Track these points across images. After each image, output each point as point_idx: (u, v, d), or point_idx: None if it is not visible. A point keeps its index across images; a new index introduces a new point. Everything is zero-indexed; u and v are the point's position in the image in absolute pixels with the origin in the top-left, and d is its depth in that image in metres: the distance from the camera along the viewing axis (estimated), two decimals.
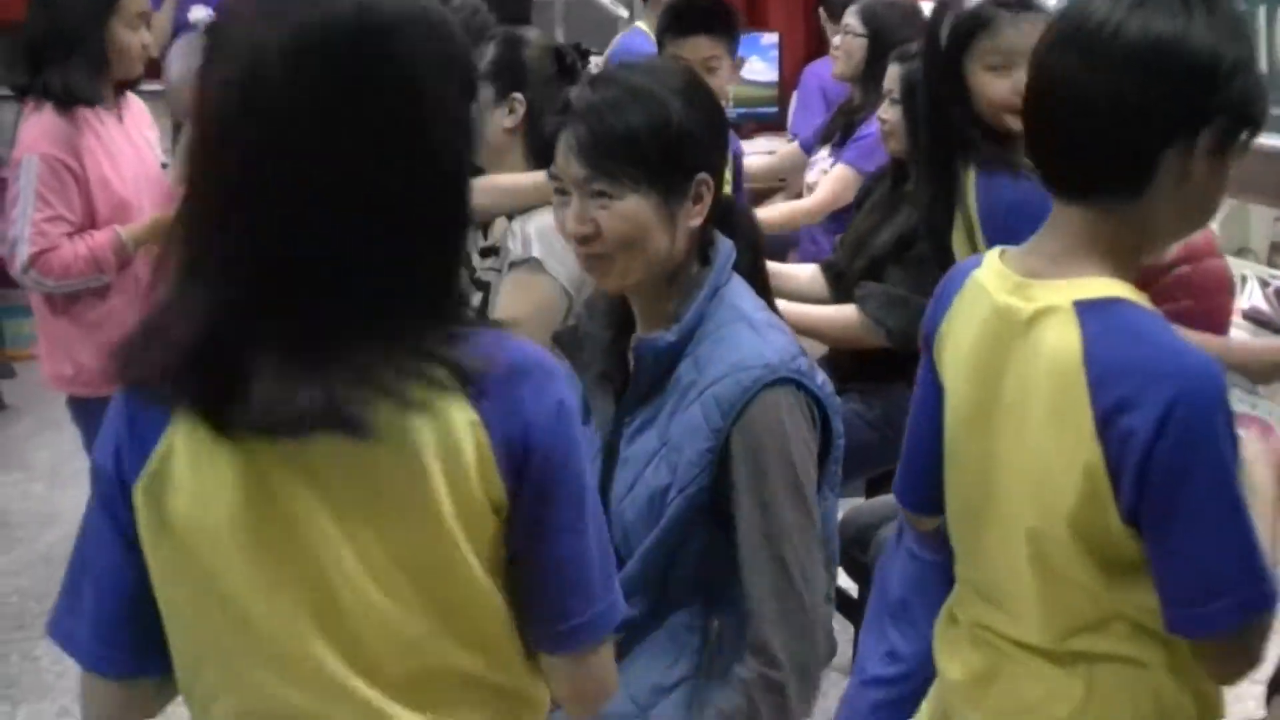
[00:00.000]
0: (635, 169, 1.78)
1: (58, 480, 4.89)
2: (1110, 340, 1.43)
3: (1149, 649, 1.52)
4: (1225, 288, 2.29)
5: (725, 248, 1.89)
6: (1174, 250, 2.13)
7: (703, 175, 1.83)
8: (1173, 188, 1.45)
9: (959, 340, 1.64)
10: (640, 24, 4.95)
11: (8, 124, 3.71)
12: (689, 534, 1.81)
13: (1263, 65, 4.64)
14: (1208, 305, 2.50)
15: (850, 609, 3.37)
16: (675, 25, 3.61)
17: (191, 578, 1.27)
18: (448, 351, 1.24)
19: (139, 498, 1.26)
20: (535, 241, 2.52)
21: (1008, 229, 2.29)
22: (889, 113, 3.13)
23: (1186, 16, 1.42)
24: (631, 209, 1.79)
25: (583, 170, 1.79)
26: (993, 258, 1.61)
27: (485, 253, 2.70)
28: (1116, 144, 1.44)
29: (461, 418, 1.24)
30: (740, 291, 1.88)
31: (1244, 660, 1.47)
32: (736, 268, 1.90)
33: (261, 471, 1.24)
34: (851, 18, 3.94)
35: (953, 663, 1.72)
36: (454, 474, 1.25)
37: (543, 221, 2.50)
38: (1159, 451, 1.38)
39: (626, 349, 1.92)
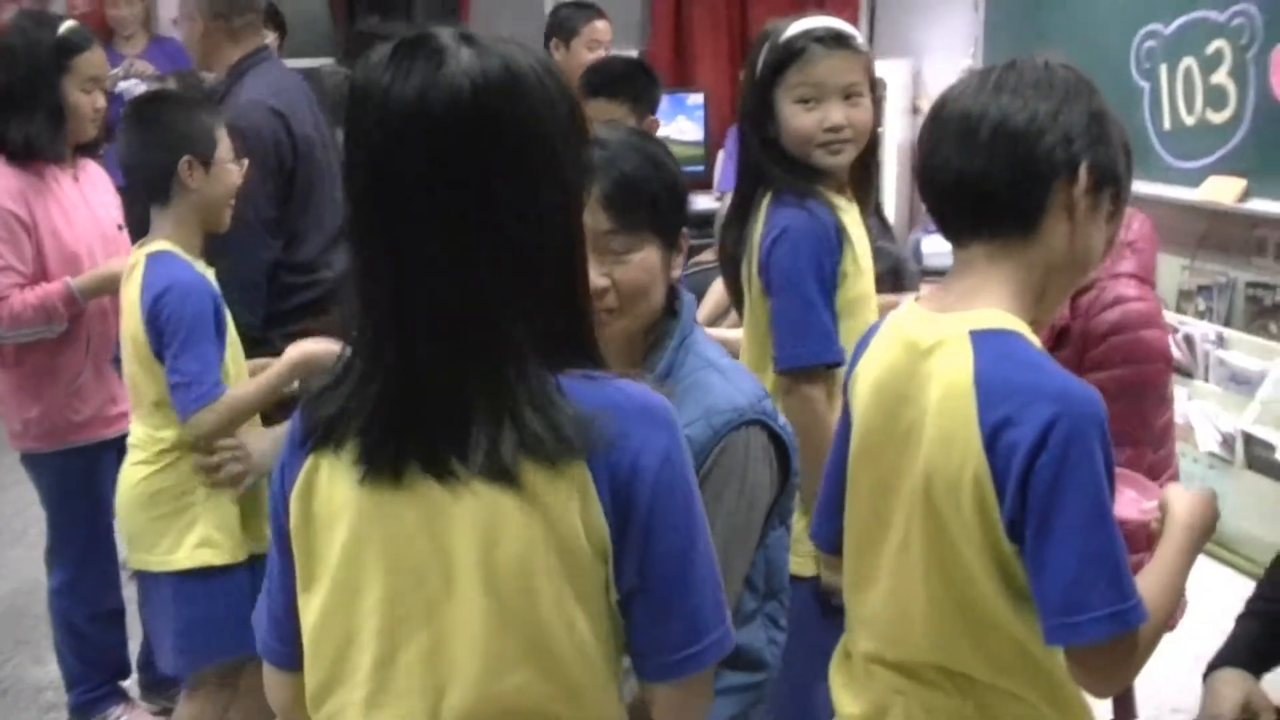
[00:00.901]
0: (653, 222, 1.85)
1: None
2: (999, 365, 1.54)
3: (1037, 683, 1.62)
4: (1159, 357, 2.31)
5: (689, 299, 1.97)
6: (1114, 316, 2.22)
7: (684, 228, 1.94)
8: (1063, 226, 1.61)
9: (868, 376, 1.73)
10: None
11: None
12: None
13: (1165, 123, 4.92)
14: (1141, 374, 2.57)
15: None
16: (582, 88, 3.68)
17: (324, 576, 1.40)
18: (569, 401, 1.31)
19: (293, 504, 1.40)
20: None
21: (770, 254, 2.42)
22: None
23: (1035, 96, 1.60)
24: (647, 260, 1.85)
25: (609, 224, 1.82)
26: (910, 302, 1.74)
27: None
28: (1005, 194, 1.60)
29: (573, 471, 1.30)
30: (703, 340, 1.96)
31: (1117, 672, 1.56)
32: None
33: (382, 495, 1.34)
34: None
35: (848, 698, 1.80)
36: (557, 521, 1.31)
37: None
38: (1038, 465, 1.48)
39: None
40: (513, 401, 1.29)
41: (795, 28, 2.48)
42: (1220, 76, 4.79)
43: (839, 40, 2.47)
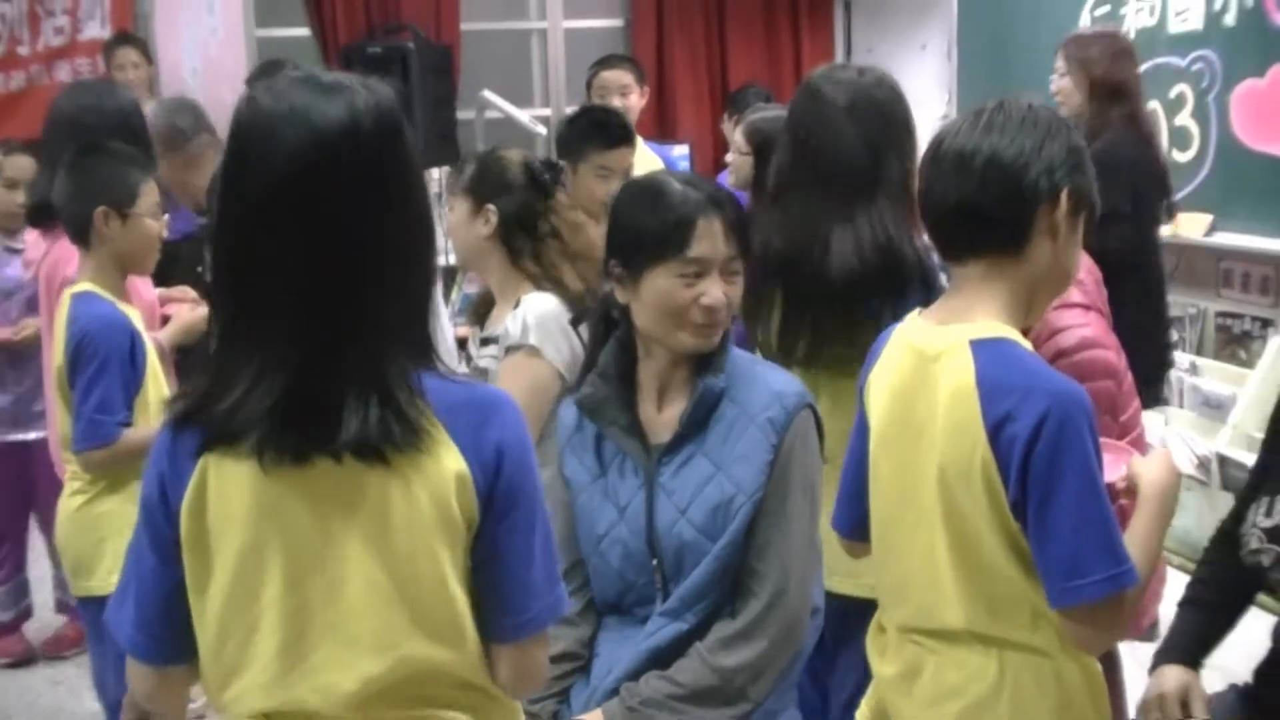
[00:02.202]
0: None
1: None
2: (997, 368, 1.78)
3: (1050, 637, 1.83)
4: (1104, 374, 2.49)
5: None
6: (1062, 341, 2.42)
7: None
8: (1047, 245, 1.83)
9: (883, 380, 1.98)
10: None
11: None
12: (752, 532, 2.16)
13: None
14: (1091, 391, 2.76)
15: None
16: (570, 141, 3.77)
17: (222, 577, 1.54)
18: (436, 389, 1.53)
19: (184, 517, 1.53)
20: (534, 329, 2.77)
21: None
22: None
23: (1021, 132, 1.82)
24: (742, 280, 2.22)
25: (730, 250, 2.17)
26: (913, 316, 1.98)
27: (484, 342, 2.94)
28: (997, 218, 1.83)
29: (448, 455, 1.52)
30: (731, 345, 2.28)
31: (1112, 629, 1.79)
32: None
33: (276, 493, 1.51)
34: (738, 135, 4.13)
35: (883, 662, 2.02)
36: (439, 500, 1.52)
37: (540, 309, 2.79)
38: (1035, 453, 1.71)
39: (637, 409, 2.25)
40: (391, 390, 1.48)
41: None
42: (1184, 118, 5.02)
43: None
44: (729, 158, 4.40)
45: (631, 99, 5.05)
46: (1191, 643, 2.29)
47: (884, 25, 7.36)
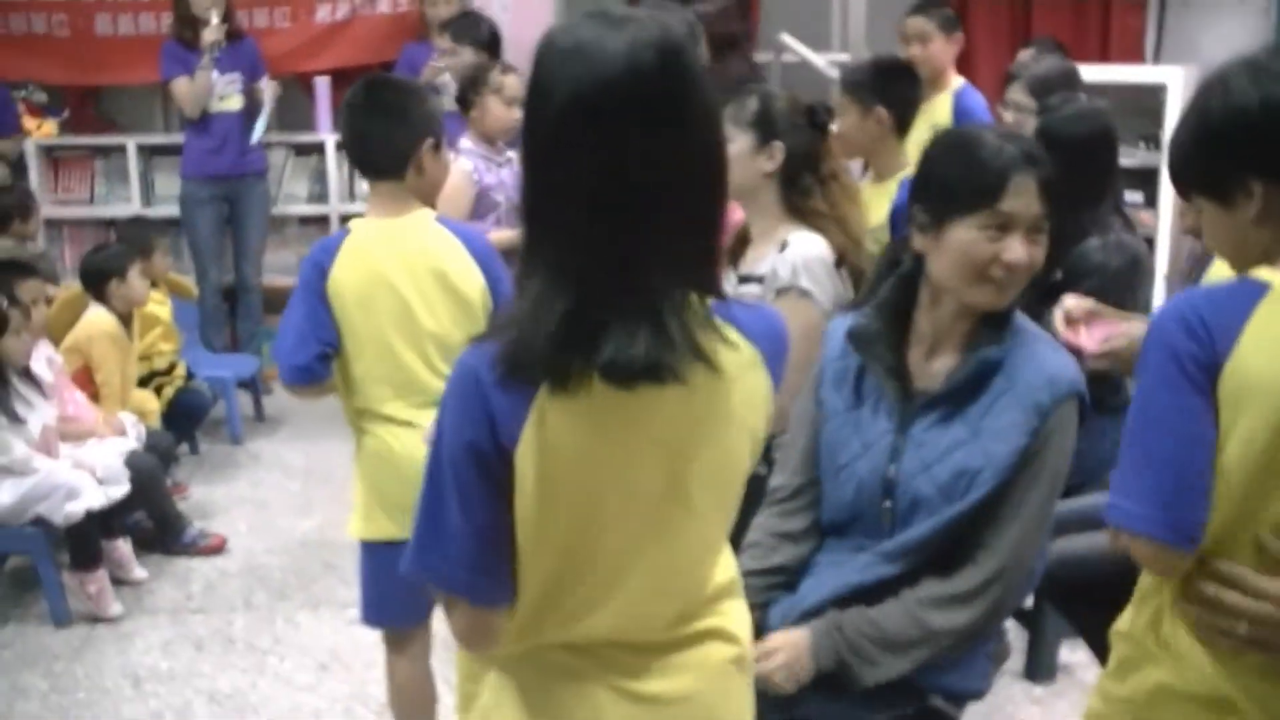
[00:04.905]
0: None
1: (311, 479, 5.49)
2: None
3: None
4: None
5: None
6: None
7: None
8: None
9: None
10: None
11: None
12: (991, 505, 2.18)
13: None
14: None
15: (1026, 619, 3.65)
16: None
17: (572, 506, 1.56)
18: (736, 318, 1.59)
19: (522, 456, 1.52)
20: (802, 272, 2.85)
21: None
22: None
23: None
24: (1045, 241, 2.20)
25: (1043, 208, 2.17)
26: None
27: (743, 280, 3.00)
28: None
29: (758, 376, 1.62)
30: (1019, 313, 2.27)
31: None
32: None
33: (607, 416, 1.53)
34: (1017, 93, 4.17)
35: None
36: (749, 416, 1.62)
37: (808, 252, 2.87)
38: None
39: (905, 352, 2.29)
40: (694, 317, 1.53)
41: None
42: None
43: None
44: (1008, 117, 4.35)
45: (933, 47, 5.02)
46: None
47: None
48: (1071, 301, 2.59)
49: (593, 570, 1.60)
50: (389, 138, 2.83)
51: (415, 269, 2.80)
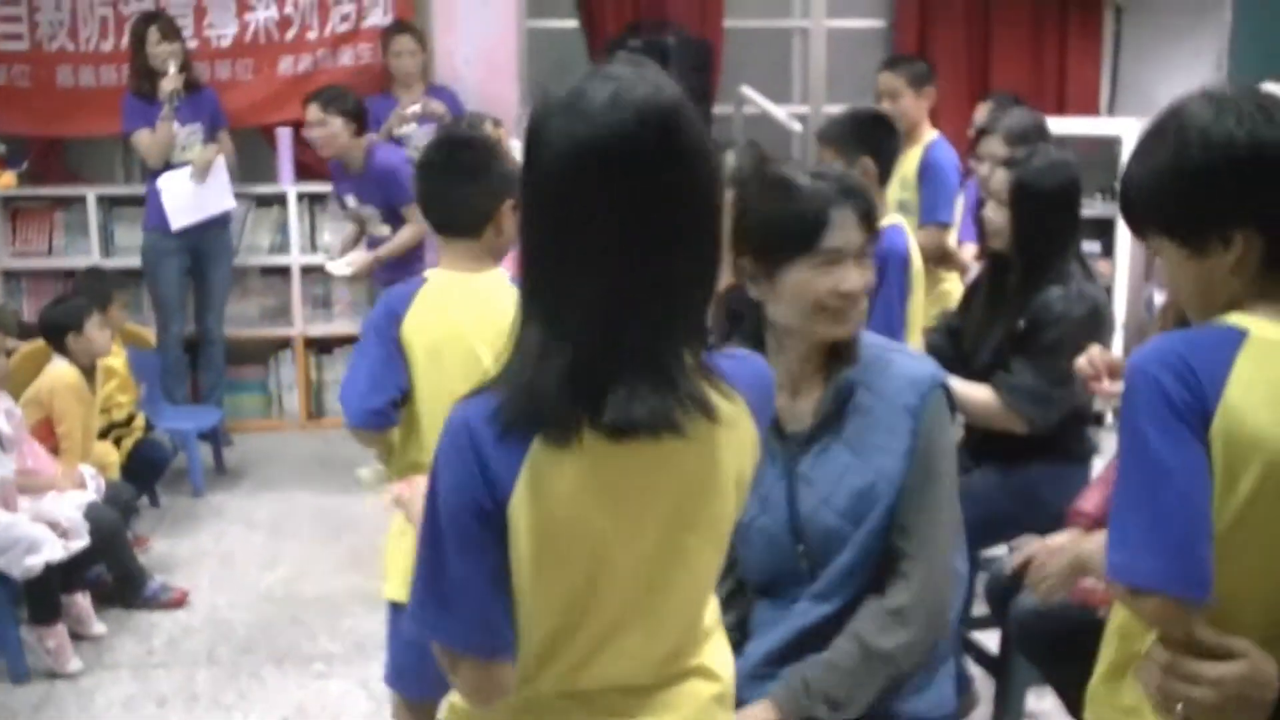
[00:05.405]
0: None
1: (275, 533, 5.42)
2: None
3: None
4: None
5: None
6: None
7: None
8: None
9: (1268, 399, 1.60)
10: None
11: None
12: (898, 515, 2.22)
13: None
14: None
15: (994, 667, 3.64)
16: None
17: (568, 560, 1.56)
18: (722, 369, 1.59)
19: (515, 509, 1.52)
20: None
21: None
22: (996, 213, 3.39)
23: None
24: (872, 264, 2.26)
25: (863, 236, 2.22)
26: (1256, 323, 1.64)
27: None
28: None
29: (746, 424, 1.63)
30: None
31: None
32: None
33: (602, 470, 1.53)
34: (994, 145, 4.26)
35: None
36: (739, 464, 1.63)
37: None
38: None
39: None
40: (669, 373, 1.51)
41: None
42: None
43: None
44: (983, 169, 4.33)
45: (904, 103, 5.08)
46: None
47: (1156, 30, 7.15)
48: (1096, 351, 2.74)
49: (591, 621, 1.60)
50: (469, 199, 2.82)
51: (489, 325, 2.70)
